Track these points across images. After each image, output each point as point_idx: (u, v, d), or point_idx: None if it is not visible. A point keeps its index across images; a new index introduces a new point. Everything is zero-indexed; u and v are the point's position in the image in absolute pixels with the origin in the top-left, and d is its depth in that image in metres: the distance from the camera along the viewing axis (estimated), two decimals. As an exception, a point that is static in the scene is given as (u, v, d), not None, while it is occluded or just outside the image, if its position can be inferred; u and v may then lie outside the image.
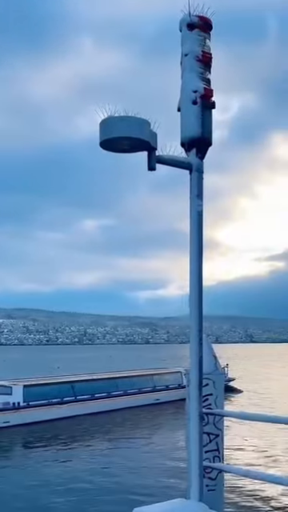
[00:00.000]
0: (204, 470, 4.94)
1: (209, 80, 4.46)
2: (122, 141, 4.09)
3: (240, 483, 12.84)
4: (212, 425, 5.64)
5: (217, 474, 5.59)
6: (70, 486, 14.98)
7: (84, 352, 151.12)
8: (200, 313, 4.48)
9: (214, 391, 5.65)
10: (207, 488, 5.28)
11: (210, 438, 5.58)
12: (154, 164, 4.19)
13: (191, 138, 4.43)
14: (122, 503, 12.62)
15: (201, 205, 4.46)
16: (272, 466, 16.47)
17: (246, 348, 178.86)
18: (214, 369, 5.71)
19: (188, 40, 4.41)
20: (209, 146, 4.53)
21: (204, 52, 4.41)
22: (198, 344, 4.49)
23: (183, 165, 4.44)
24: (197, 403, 4.52)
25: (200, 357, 4.52)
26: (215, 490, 5.56)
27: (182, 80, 4.44)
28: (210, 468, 5.49)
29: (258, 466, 16.34)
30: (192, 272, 4.46)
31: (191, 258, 4.45)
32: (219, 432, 5.69)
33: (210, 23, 4.44)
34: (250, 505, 12.31)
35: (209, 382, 5.53)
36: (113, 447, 20.69)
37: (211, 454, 5.58)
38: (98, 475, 16.13)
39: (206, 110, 4.43)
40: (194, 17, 4.35)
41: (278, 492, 12.68)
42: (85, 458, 18.58)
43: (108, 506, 13.06)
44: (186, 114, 4.41)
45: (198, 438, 4.52)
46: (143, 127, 4.05)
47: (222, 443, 5.72)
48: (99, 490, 14.60)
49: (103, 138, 4.12)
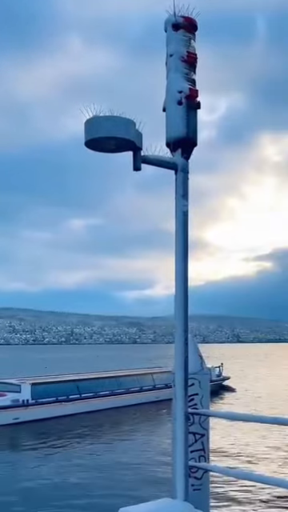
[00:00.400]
0: (190, 469, 4.95)
1: (194, 80, 4.46)
2: (107, 141, 4.08)
3: (226, 483, 12.88)
4: (198, 424, 5.64)
5: (202, 474, 5.60)
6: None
7: (71, 352, 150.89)
8: (185, 313, 4.48)
9: (199, 391, 5.66)
10: (193, 488, 5.28)
11: (195, 438, 5.58)
12: (139, 164, 4.18)
13: (176, 138, 4.43)
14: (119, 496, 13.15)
15: (186, 205, 4.46)
16: (257, 466, 16.50)
17: (232, 348, 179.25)
18: (199, 369, 5.70)
19: (173, 40, 4.40)
20: (194, 146, 4.53)
21: (189, 52, 4.41)
22: (184, 344, 4.49)
23: (168, 165, 4.44)
24: (182, 403, 4.53)
25: (185, 357, 4.52)
26: (201, 490, 5.56)
27: (167, 80, 4.44)
28: (195, 468, 5.49)
29: (243, 465, 16.39)
30: (177, 272, 4.45)
31: (177, 258, 4.45)
32: (205, 432, 5.69)
33: (195, 24, 4.44)
34: (235, 504, 12.35)
35: (194, 382, 5.53)
36: (118, 442, 21.47)
37: (197, 453, 5.58)
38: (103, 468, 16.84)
39: (191, 111, 4.43)
40: (179, 17, 4.35)
41: (264, 491, 12.72)
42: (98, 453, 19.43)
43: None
44: (171, 114, 4.41)
45: (184, 437, 4.53)
46: (128, 127, 4.05)
47: (207, 443, 5.72)
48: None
49: (88, 138, 4.10)
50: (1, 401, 25.31)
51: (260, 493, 12.70)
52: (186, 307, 4.48)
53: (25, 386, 26.46)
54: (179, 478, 4.46)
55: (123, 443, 21.08)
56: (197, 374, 5.61)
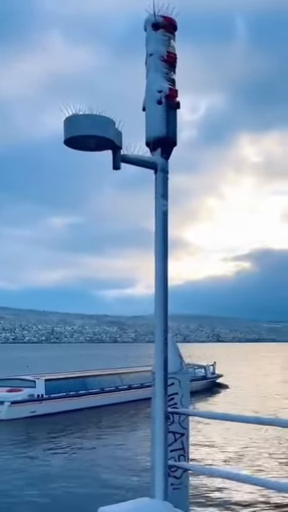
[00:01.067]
0: (169, 468, 4.95)
1: (174, 80, 4.45)
2: (86, 139, 4.06)
3: (205, 482, 12.91)
4: (177, 424, 5.65)
5: (182, 473, 5.61)
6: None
7: (52, 351, 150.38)
8: (165, 312, 4.48)
9: (179, 390, 5.67)
10: (172, 487, 5.30)
11: (175, 437, 5.59)
12: (118, 163, 4.17)
13: (156, 137, 4.42)
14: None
15: (166, 205, 4.45)
16: (237, 465, 16.58)
17: (213, 347, 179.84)
18: (179, 368, 5.72)
19: (153, 40, 4.39)
20: (173, 146, 4.53)
21: (169, 52, 4.40)
22: (163, 343, 4.49)
23: (148, 164, 4.44)
24: (162, 402, 4.52)
25: (165, 356, 4.52)
26: (180, 489, 5.58)
27: (147, 80, 4.43)
28: (175, 467, 5.50)
29: (223, 464, 16.45)
30: (157, 271, 4.45)
31: (156, 257, 4.45)
32: (184, 431, 5.70)
33: (174, 24, 4.43)
34: (214, 503, 12.39)
35: (174, 382, 5.54)
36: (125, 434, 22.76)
37: (176, 452, 5.60)
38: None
39: (171, 110, 4.43)
40: (159, 17, 4.34)
41: (243, 490, 12.78)
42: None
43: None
44: (151, 113, 4.41)
45: (163, 437, 4.52)
46: (108, 126, 4.04)
47: (187, 442, 5.74)
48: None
49: (67, 136, 4.08)
50: (19, 395, 27.01)
51: (240, 492, 12.74)
52: (165, 307, 4.48)
53: (39, 382, 28.09)
54: (158, 478, 4.46)
55: (126, 435, 22.64)
56: (177, 374, 5.62)
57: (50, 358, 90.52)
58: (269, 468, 16.05)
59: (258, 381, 46.94)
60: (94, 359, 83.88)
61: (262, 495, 12.30)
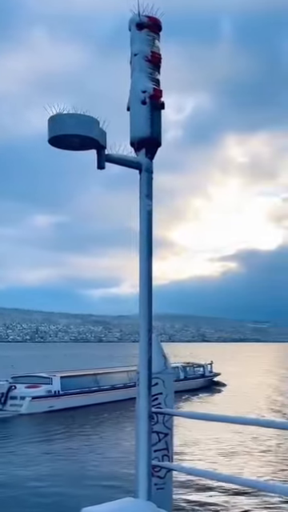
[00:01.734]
0: (153, 468, 4.95)
1: (158, 80, 4.44)
2: (70, 138, 4.04)
3: (189, 482, 12.93)
4: (161, 424, 5.66)
5: (165, 473, 5.62)
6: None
7: (36, 350, 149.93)
8: (149, 312, 4.48)
9: (163, 390, 5.68)
10: (156, 487, 5.31)
11: (159, 437, 5.60)
12: (103, 163, 4.16)
13: (140, 138, 4.41)
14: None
15: (150, 205, 4.45)
16: (222, 465, 16.62)
17: (199, 347, 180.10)
18: (163, 368, 5.73)
19: (137, 40, 4.37)
20: (158, 146, 4.51)
21: (153, 52, 4.38)
22: (148, 343, 4.48)
23: (133, 164, 4.42)
24: (146, 402, 4.51)
25: (149, 356, 4.51)
26: (164, 489, 5.59)
27: (132, 80, 4.41)
28: (158, 467, 5.51)
29: (207, 464, 16.49)
30: (142, 271, 4.45)
31: (141, 257, 4.44)
32: (168, 431, 5.71)
33: (159, 24, 4.41)
34: (198, 503, 12.41)
35: (158, 382, 5.56)
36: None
37: (160, 452, 5.61)
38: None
39: (156, 111, 4.41)
40: (143, 17, 4.32)
41: (228, 491, 12.81)
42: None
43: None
44: (135, 113, 4.39)
45: (147, 437, 4.51)
46: (92, 125, 4.02)
47: (171, 442, 5.75)
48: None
49: (51, 135, 4.06)
50: (38, 391, 28.83)
51: (224, 492, 12.79)
52: (150, 306, 4.47)
53: (55, 379, 29.84)
54: (142, 478, 4.45)
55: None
56: (161, 374, 5.64)
57: (35, 358, 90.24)
58: (249, 467, 16.15)
59: (251, 380, 48.38)
60: (79, 359, 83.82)
61: (245, 495, 12.35)
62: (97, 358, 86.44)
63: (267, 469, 16.03)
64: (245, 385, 43.27)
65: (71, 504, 11.42)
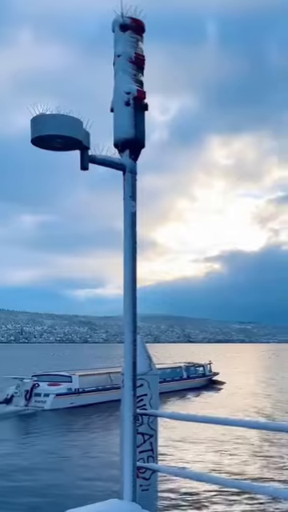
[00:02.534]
0: (138, 470, 4.94)
1: (142, 82, 4.43)
2: (53, 139, 4.02)
3: (174, 483, 12.94)
4: (146, 425, 5.66)
5: (150, 474, 5.62)
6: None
7: (21, 350, 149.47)
8: (134, 313, 4.47)
9: (148, 391, 5.67)
10: (141, 488, 5.29)
11: (144, 439, 5.59)
12: (86, 163, 4.14)
13: (124, 139, 4.40)
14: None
15: (134, 206, 4.44)
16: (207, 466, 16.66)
17: (184, 347, 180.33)
18: (148, 369, 5.72)
19: (120, 41, 4.36)
20: (142, 147, 4.50)
21: (137, 54, 4.37)
22: (132, 344, 4.48)
23: (116, 166, 4.41)
24: (131, 404, 4.50)
25: (134, 357, 4.50)
26: (149, 490, 5.58)
27: (115, 81, 4.39)
28: (143, 468, 5.50)
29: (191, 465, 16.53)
30: (126, 272, 4.44)
31: (125, 258, 4.43)
32: (153, 432, 5.71)
33: (142, 26, 4.40)
34: (183, 504, 12.44)
35: (143, 383, 5.55)
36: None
37: (145, 454, 5.60)
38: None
39: (139, 112, 4.40)
40: (127, 18, 4.31)
41: (213, 491, 12.84)
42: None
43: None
44: (119, 115, 4.38)
45: (132, 438, 4.50)
46: (75, 126, 4.00)
47: (156, 443, 5.75)
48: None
49: (34, 135, 4.04)
50: (60, 389, 31.20)
51: (209, 493, 12.82)
52: (134, 308, 4.46)
53: (75, 377, 32.27)
54: (127, 479, 4.45)
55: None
56: (146, 375, 5.63)
57: (19, 358, 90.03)
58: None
59: (245, 379, 51.40)
60: (67, 360, 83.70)
61: (230, 496, 12.39)
62: (87, 358, 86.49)
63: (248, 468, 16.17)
64: (242, 384, 45.23)
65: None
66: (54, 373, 34.44)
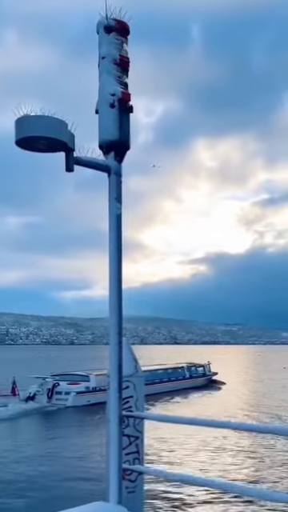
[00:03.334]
0: (124, 472, 4.93)
1: (126, 84, 4.43)
2: (37, 140, 4.02)
3: (160, 485, 12.95)
4: (132, 427, 5.63)
5: (136, 476, 5.59)
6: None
7: (7, 352, 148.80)
8: (119, 315, 4.46)
9: (134, 393, 5.65)
10: (127, 490, 5.27)
11: (130, 441, 5.57)
12: (71, 165, 4.13)
13: (109, 141, 4.40)
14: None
15: (119, 208, 4.43)
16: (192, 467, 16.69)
17: (171, 349, 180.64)
18: (134, 371, 5.70)
19: (105, 43, 4.36)
20: (127, 149, 4.50)
21: (121, 56, 4.37)
22: (118, 346, 4.48)
23: (101, 167, 4.41)
24: (117, 406, 4.50)
25: (120, 359, 4.50)
26: (135, 492, 5.56)
27: (100, 82, 4.39)
28: (129, 470, 5.48)
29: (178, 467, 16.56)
30: (111, 274, 4.43)
31: (110, 260, 4.43)
32: (139, 434, 5.68)
33: (127, 28, 4.40)
34: (169, 506, 12.44)
35: (129, 385, 5.53)
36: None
37: (131, 456, 5.58)
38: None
39: (124, 114, 4.40)
40: (111, 20, 4.31)
41: (198, 492, 12.85)
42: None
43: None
44: (104, 116, 4.38)
45: (118, 440, 4.50)
46: (60, 128, 3.99)
47: (142, 445, 5.72)
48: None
49: (19, 137, 4.03)
50: (79, 388, 34.31)
51: (194, 494, 12.84)
52: (119, 309, 4.46)
53: (92, 377, 34.97)
54: (113, 481, 4.44)
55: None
56: (131, 377, 5.60)
57: (8, 362, 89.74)
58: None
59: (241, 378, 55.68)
60: (54, 362, 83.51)
61: (217, 497, 12.41)
62: (77, 360, 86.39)
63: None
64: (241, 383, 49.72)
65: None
66: (73, 372, 37.46)
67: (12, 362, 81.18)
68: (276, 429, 5.95)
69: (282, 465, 17.32)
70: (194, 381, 45.08)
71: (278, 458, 18.28)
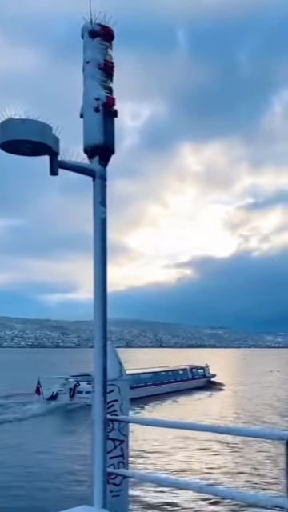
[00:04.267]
0: (108, 475, 4.93)
1: (111, 88, 4.45)
2: (22, 144, 4.01)
3: (145, 488, 12.94)
4: (117, 431, 5.63)
5: (121, 480, 5.59)
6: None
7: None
8: (104, 318, 4.47)
9: (119, 397, 5.65)
10: (111, 494, 5.27)
11: (114, 444, 5.57)
12: (56, 169, 4.13)
13: (94, 145, 4.41)
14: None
15: (104, 212, 4.44)
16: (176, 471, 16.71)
17: (157, 352, 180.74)
18: (119, 375, 5.70)
19: (90, 47, 4.38)
20: (111, 153, 4.52)
21: (106, 61, 4.40)
22: (103, 350, 4.47)
23: (86, 171, 4.41)
24: (101, 409, 4.50)
25: (104, 363, 4.50)
26: (119, 496, 5.56)
27: (84, 87, 4.41)
28: (114, 474, 5.48)
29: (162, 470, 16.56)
30: (96, 278, 4.44)
31: (95, 264, 4.43)
32: (124, 438, 5.69)
33: (111, 33, 4.43)
34: (153, 510, 12.43)
35: (114, 388, 5.53)
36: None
37: (116, 460, 5.58)
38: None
39: (109, 118, 4.42)
40: (96, 25, 4.33)
41: (182, 496, 12.86)
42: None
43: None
44: (89, 120, 4.39)
45: (103, 444, 4.49)
46: (44, 131, 4.00)
47: (126, 449, 5.73)
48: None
49: (3, 140, 4.02)
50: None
51: (178, 497, 12.84)
52: (104, 313, 4.46)
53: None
54: (97, 485, 4.43)
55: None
56: (116, 381, 5.60)
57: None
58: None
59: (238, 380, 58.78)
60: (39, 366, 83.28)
61: (201, 500, 12.41)
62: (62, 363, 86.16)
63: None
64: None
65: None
66: (91, 373, 38.89)
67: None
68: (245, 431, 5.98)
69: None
70: (196, 382, 49.07)
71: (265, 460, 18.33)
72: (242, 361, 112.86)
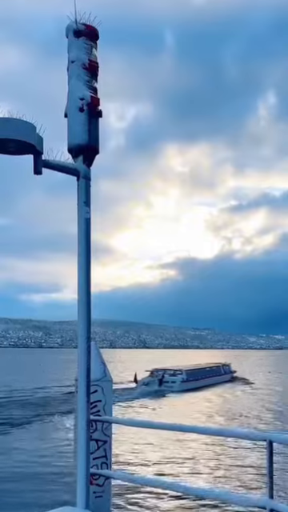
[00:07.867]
0: (91, 476, 4.92)
1: (96, 89, 4.44)
2: (6, 143, 3.99)
3: (128, 489, 12.91)
4: (100, 431, 5.63)
5: (104, 481, 5.59)
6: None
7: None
8: (88, 319, 4.46)
9: (102, 398, 5.65)
10: (95, 495, 5.27)
11: (98, 445, 5.57)
12: (40, 168, 4.11)
13: (78, 145, 4.40)
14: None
15: (88, 212, 4.43)
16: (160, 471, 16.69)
17: (141, 353, 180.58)
18: (102, 375, 5.70)
19: (74, 47, 4.37)
20: (96, 153, 4.52)
21: (91, 60, 4.39)
22: (86, 350, 4.46)
23: (70, 171, 4.40)
24: (85, 410, 4.48)
25: (88, 363, 4.49)
26: (102, 497, 5.56)
27: (69, 86, 4.40)
28: (97, 475, 5.48)
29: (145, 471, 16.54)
30: (80, 278, 4.43)
31: (79, 265, 4.42)
32: (107, 438, 5.69)
33: (96, 32, 4.42)
34: (136, 510, 12.42)
35: (98, 389, 5.53)
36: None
37: (99, 460, 5.58)
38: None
39: (93, 118, 4.42)
40: (81, 25, 4.32)
41: (166, 497, 12.86)
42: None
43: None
44: (73, 120, 4.38)
45: (86, 444, 4.48)
46: (28, 130, 3.97)
47: (110, 450, 5.73)
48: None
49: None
50: (180, 378, 47.92)
51: (162, 498, 12.84)
52: (88, 313, 4.45)
53: (184, 371, 49.49)
54: (80, 486, 4.42)
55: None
56: (100, 381, 5.60)
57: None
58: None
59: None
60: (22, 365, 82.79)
61: (185, 501, 12.42)
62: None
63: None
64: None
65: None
66: (169, 367, 51.58)
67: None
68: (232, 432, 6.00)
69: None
70: (226, 376, 59.20)
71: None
72: (234, 362, 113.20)
